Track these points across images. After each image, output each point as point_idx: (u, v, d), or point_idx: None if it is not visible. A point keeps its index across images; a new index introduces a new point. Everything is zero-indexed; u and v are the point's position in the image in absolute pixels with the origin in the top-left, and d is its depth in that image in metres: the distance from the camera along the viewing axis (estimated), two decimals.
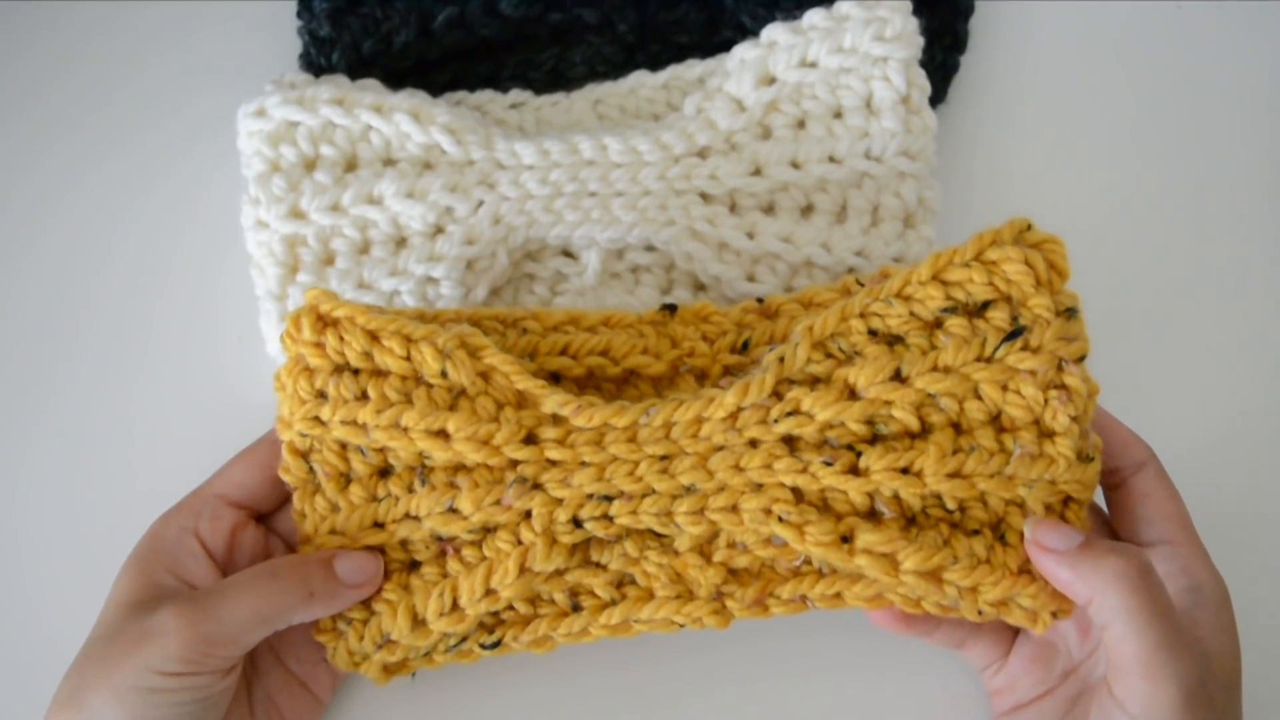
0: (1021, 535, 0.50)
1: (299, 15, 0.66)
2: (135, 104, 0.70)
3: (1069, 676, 0.53)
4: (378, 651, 0.52)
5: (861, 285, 0.54)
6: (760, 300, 0.56)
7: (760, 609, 0.52)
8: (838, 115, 0.62)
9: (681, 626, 0.52)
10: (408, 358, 0.51)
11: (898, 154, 0.60)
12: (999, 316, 0.50)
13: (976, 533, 0.50)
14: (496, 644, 0.53)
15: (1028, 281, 0.49)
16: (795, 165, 0.61)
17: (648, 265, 0.63)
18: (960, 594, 0.49)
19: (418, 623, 0.51)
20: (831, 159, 0.61)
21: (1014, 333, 0.49)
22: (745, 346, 0.54)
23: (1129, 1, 0.73)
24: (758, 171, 0.61)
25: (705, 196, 0.61)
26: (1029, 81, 0.72)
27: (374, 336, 0.51)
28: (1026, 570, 0.49)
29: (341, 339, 0.51)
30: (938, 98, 0.67)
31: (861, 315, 0.51)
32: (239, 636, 0.48)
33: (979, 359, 0.49)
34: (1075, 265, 0.50)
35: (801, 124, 0.62)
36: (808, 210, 0.62)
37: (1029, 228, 0.51)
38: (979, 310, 0.50)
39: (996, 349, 0.49)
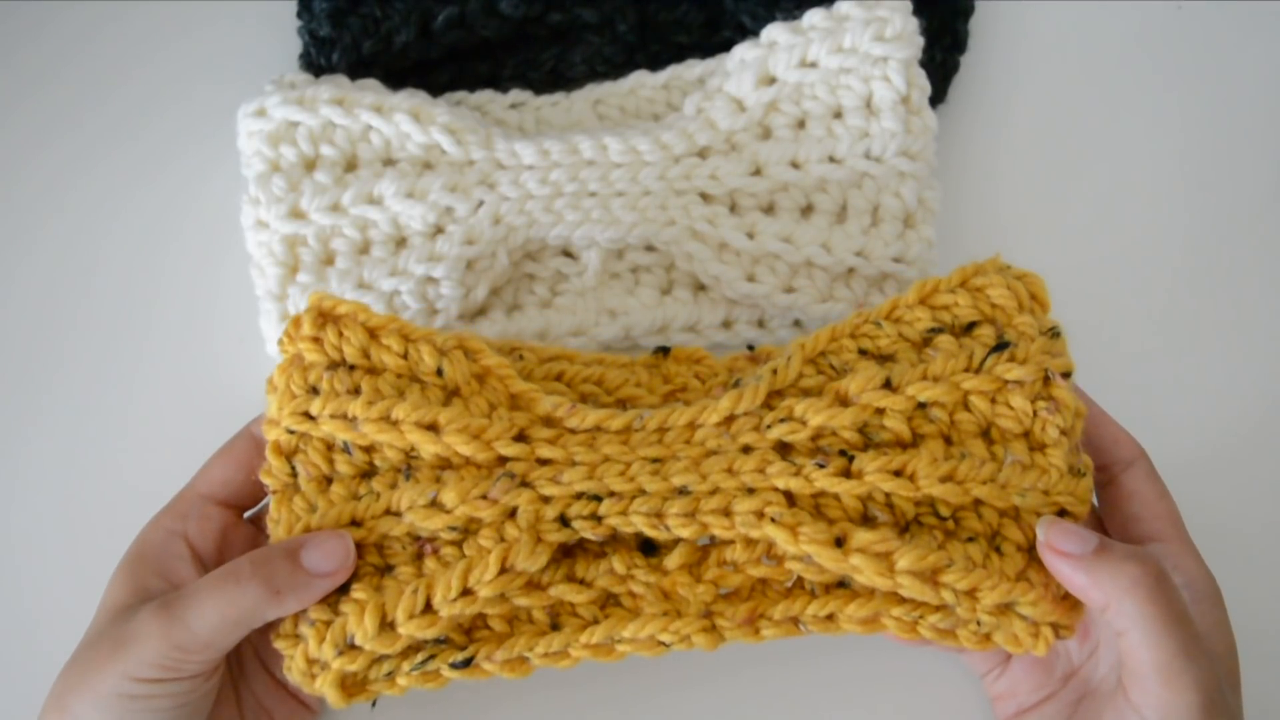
0: (1018, 546, 0.49)
1: (299, 15, 0.66)
2: (135, 103, 0.70)
3: (1070, 680, 0.53)
4: (338, 658, 0.48)
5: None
6: (751, 348, 0.57)
7: (751, 630, 0.50)
8: (838, 115, 0.62)
9: (668, 647, 0.50)
10: (405, 356, 0.51)
11: (898, 154, 0.60)
12: (985, 334, 0.51)
13: (971, 540, 0.50)
14: (468, 662, 0.49)
15: (1011, 305, 0.51)
16: (795, 165, 0.61)
17: (648, 265, 0.63)
18: (958, 599, 0.48)
19: (385, 625, 0.48)
20: (831, 159, 0.61)
21: (1000, 345, 0.50)
22: (737, 386, 0.54)
23: (1129, 1, 0.73)
24: (758, 171, 0.61)
25: (705, 196, 0.61)
26: (1029, 81, 0.72)
27: (373, 334, 0.51)
28: (1025, 578, 0.49)
29: (341, 334, 0.50)
30: (938, 98, 0.67)
31: (852, 336, 0.52)
32: (211, 641, 0.46)
33: (967, 369, 0.50)
34: (1074, 265, 0.50)
35: (801, 124, 0.62)
36: (808, 210, 0.62)
37: (1008, 268, 0.53)
38: (965, 330, 0.52)
39: (984, 360, 0.50)
